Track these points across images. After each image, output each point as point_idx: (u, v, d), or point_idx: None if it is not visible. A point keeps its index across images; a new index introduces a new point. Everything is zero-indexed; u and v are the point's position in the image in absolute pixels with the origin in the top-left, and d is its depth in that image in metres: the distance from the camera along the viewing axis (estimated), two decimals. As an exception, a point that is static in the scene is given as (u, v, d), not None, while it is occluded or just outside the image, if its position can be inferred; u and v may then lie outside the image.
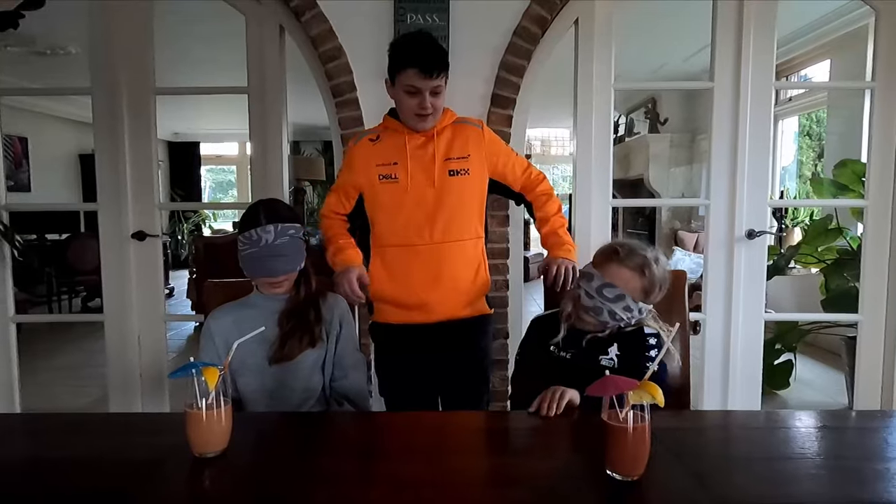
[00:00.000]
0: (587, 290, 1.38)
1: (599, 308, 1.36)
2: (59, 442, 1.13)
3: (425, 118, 1.64)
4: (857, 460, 1.03)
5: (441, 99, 1.64)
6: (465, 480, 0.96)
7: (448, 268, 1.67)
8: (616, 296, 1.35)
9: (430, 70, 1.57)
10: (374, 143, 1.72)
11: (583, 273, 1.43)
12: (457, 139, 1.71)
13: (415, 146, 1.68)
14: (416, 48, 1.60)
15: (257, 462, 1.06)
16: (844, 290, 3.01)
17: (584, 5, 2.31)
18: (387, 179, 1.67)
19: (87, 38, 2.39)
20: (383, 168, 1.68)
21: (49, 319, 4.89)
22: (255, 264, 1.45)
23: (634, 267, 1.37)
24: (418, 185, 1.66)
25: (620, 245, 1.42)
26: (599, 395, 0.94)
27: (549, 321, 1.50)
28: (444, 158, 1.68)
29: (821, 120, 5.31)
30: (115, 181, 2.42)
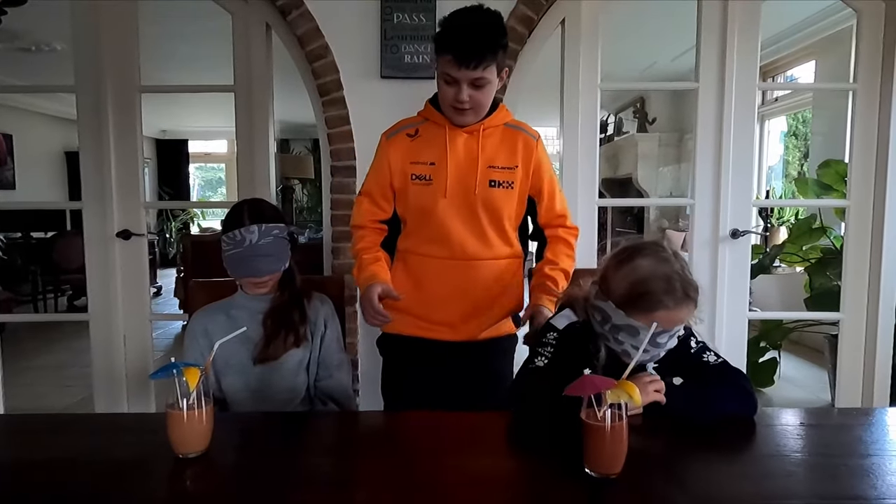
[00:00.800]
0: (634, 346, 1.12)
1: (655, 356, 1.16)
2: (42, 443, 1.12)
3: (463, 112, 1.43)
4: (834, 457, 1.05)
5: (486, 93, 1.41)
6: (450, 480, 0.96)
7: (477, 288, 1.50)
8: (671, 335, 1.15)
9: (466, 59, 1.34)
10: (412, 138, 1.51)
11: (618, 326, 1.14)
12: (505, 145, 1.50)
13: (457, 145, 1.47)
14: (455, 30, 1.36)
15: (240, 462, 1.06)
16: (827, 288, 3.05)
17: (570, 6, 2.32)
18: (420, 181, 1.48)
19: (72, 35, 2.36)
20: (418, 167, 1.48)
21: (32, 319, 4.83)
22: (239, 264, 1.45)
23: (685, 304, 1.13)
24: (455, 191, 1.46)
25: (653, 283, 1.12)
26: (578, 394, 0.94)
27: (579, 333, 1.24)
28: (488, 165, 1.47)
29: (807, 120, 5.36)
30: (100, 180, 2.40)
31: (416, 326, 1.54)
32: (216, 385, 1.47)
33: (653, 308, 1.11)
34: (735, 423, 1.17)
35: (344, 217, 2.30)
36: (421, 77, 2.17)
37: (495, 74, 1.40)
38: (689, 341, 1.27)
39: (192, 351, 1.48)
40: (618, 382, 0.94)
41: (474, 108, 1.43)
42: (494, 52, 1.37)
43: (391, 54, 2.19)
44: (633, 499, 0.91)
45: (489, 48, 1.36)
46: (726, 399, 1.19)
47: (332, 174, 2.31)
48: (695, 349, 1.27)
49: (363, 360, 2.23)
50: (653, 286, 1.12)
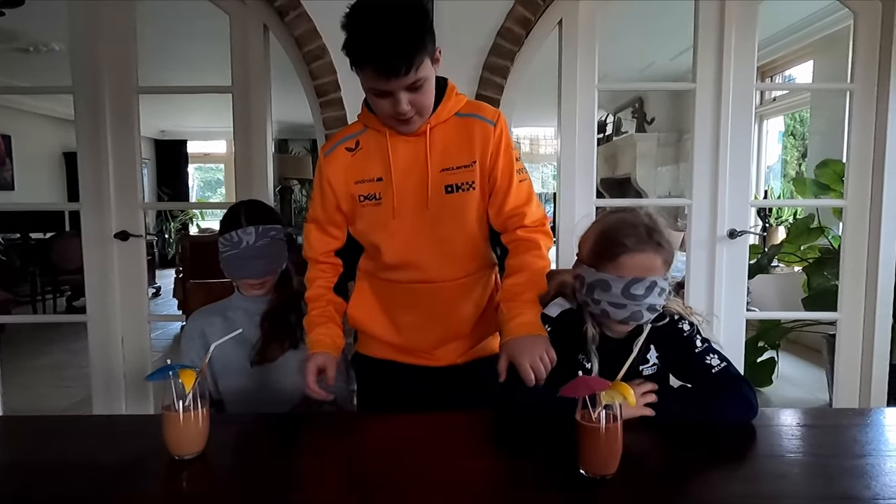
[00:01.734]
0: (611, 302, 1.12)
1: (637, 312, 1.12)
2: (39, 445, 1.12)
3: (407, 122, 1.22)
4: (829, 457, 1.05)
5: (426, 93, 1.18)
6: (445, 481, 0.96)
7: (450, 313, 1.34)
8: (647, 287, 1.11)
9: (394, 69, 1.10)
10: (352, 152, 1.30)
11: (591, 283, 1.15)
12: (456, 140, 1.27)
13: (402, 153, 1.27)
14: (370, 38, 1.11)
15: (236, 464, 1.06)
16: (825, 288, 3.06)
17: (567, 6, 2.32)
18: (369, 201, 1.29)
19: (69, 36, 2.37)
20: (364, 186, 1.29)
21: (31, 320, 4.83)
22: (236, 266, 1.45)
23: (650, 246, 1.13)
24: (407, 207, 1.27)
25: (614, 230, 1.15)
26: (573, 396, 0.94)
27: (568, 322, 1.24)
28: (440, 169, 1.27)
29: (804, 120, 5.37)
30: (98, 181, 2.40)
31: (389, 350, 1.40)
32: (213, 387, 1.48)
33: (617, 253, 1.12)
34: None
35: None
36: (418, 78, 2.17)
37: (429, 67, 1.16)
38: (694, 340, 1.25)
39: (189, 352, 1.48)
40: (612, 383, 0.94)
41: (419, 113, 1.21)
42: (423, 47, 1.12)
43: (388, 55, 2.19)
44: (626, 500, 0.91)
45: (416, 46, 1.11)
46: (725, 407, 1.16)
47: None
48: (699, 349, 1.24)
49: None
50: (615, 233, 1.14)
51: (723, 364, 1.23)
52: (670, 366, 1.27)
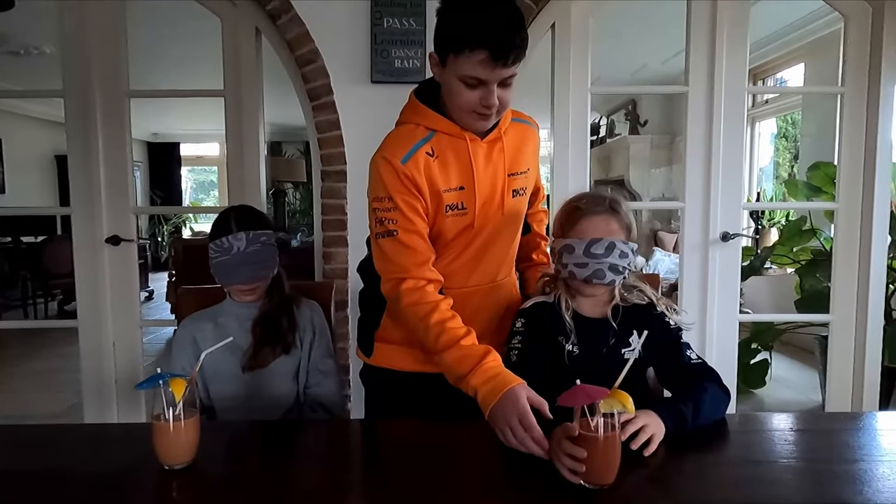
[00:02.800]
0: (576, 263, 1.21)
1: (599, 270, 1.19)
2: (29, 455, 1.11)
3: (487, 118, 1.17)
4: (822, 462, 1.05)
5: (511, 90, 1.16)
6: (440, 491, 0.96)
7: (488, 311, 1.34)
8: (607, 247, 1.20)
9: (504, 55, 1.07)
10: (432, 158, 1.19)
11: (559, 251, 1.24)
12: (520, 145, 1.30)
13: (482, 159, 1.22)
14: (489, 21, 1.07)
15: (227, 473, 1.05)
16: (818, 290, 3.07)
17: (560, 10, 2.33)
18: (453, 210, 1.21)
19: (59, 39, 2.35)
20: (450, 195, 1.20)
21: (21, 326, 4.80)
22: (227, 272, 1.44)
23: (605, 210, 1.24)
24: (485, 214, 1.24)
25: (574, 200, 1.27)
26: (570, 405, 0.92)
27: (547, 308, 1.29)
28: (509, 173, 1.26)
29: (796, 122, 5.40)
30: (89, 185, 2.39)
31: (415, 361, 1.31)
32: (204, 393, 1.46)
33: (576, 218, 1.24)
34: (724, 428, 1.18)
35: (335, 222, 2.30)
36: (411, 81, 2.16)
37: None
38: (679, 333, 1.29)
39: (180, 359, 1.47)
40: (611, 391, 0.94)
41: (500, 109, 1.17)
42: (527, 41, 1.12)
43: (381, 59, 2.19)
44: (621, 507, 0.91)
45: (526, 38, 1.11)
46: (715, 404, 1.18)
47: (323, 178, 2.31)
48: (683, 342, 1.29)
49: (354, 366, 2.22)
50: (575, 202, 1.27)
51: (700, 360, 1.28)
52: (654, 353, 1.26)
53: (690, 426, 1.11)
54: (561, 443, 0.94)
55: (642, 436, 1.03)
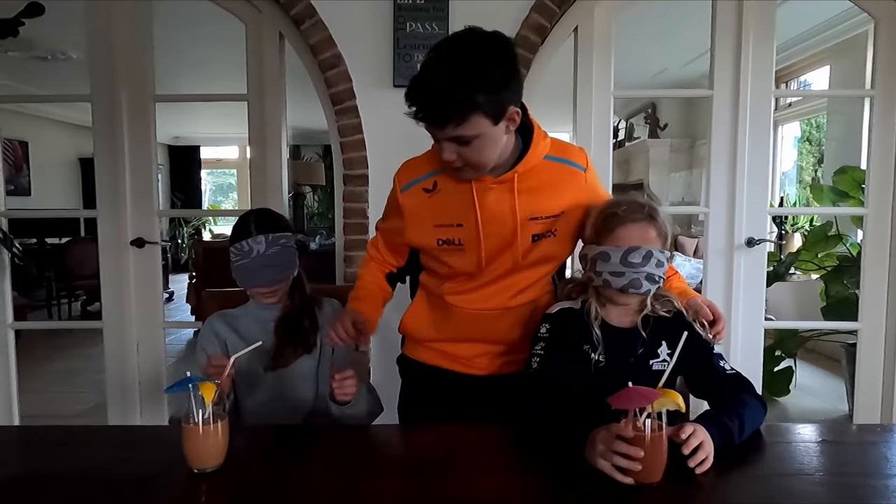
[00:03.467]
0: (611, 272, 1.17)
1: (636, 280, 1.16)
2: (56, 456, 1.12)
3: (458, 170, 1.20)
4: (856, 476, 1.03)
5: (477, 149, 1.14)
6: (462, 497, 0.95)
7: (511, 333, 1.36)
8: (644, 256, 1.16)
9: (429, 118, 1.12)
10: (429, 193, 1.27)
11: (593, 258, 1.21)
12: (547, 188, 1.25)
13: (489, 200, 1.23)
14: (417, 82, 1.12)
15: (255, 477, 1.05)
16: (844, 297, 3.01)
17: (583, 13, 2.31)
18: (448, 245, 1.28)
19: (86, 44, 2.38)
20: (444, 230, 1.27)
21: (47, 326, 4.90)
22: (247, 275, 1.45)
23: (643, 217, 1.20)
24: (492, 251, 1.27)
25: (611, 206, 1.23)
26: (625, 407, 0.95)
27: (574, 314, 1.27)
28: (529, 217, 1.25)
29: (821, 125, 5.31)
30: (115, 188, 2.42)
31: (437, 357, 1.43)
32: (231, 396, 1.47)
33: (613, 225, 1.20)
34: (753, 439, 1.15)
35: (356, 226, 2.31)
36: (433, 86, 2.17)
37: (487, 126, 1.11)
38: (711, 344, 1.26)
39: (208, 349, 1.48)
40: (661, 391, 0.96)
41: (471, 166, 1.18)
42: (469, 104, 1.08)
43: (404, 63, 2.19)
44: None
45: (458, 102, 1.08)
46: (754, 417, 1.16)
47: (345, 182, 2.31)
48: (716, 353, 1.26)
49: (375, 369, 2.22)
50: (612, 209, 1.22)
51: (733, 370, 1.26)
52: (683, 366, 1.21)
53: (737, 442, 1.08)
54: (613, 443, 0.95)
55: (701, 453, 1.00)
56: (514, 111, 1.15)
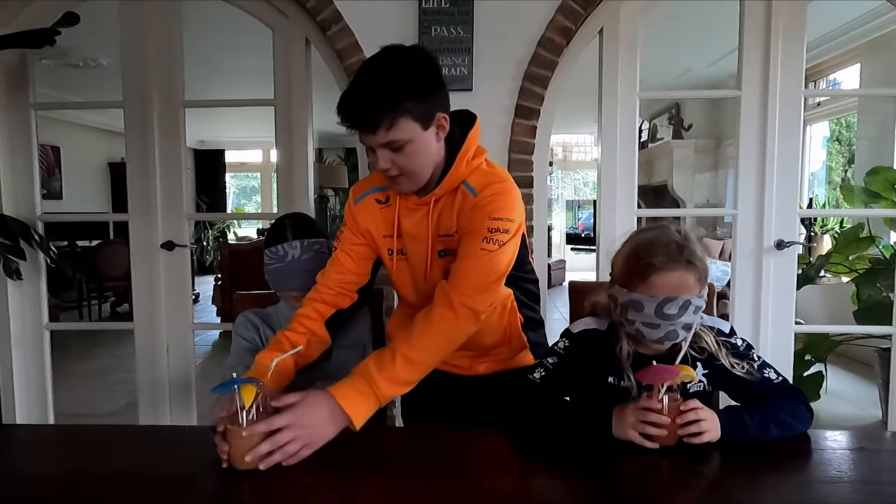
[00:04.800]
0: (645, 322, 1.11)
1: (672, 332, 1.11)
2: (93, 455, 1.15)
3: (395, 180, 1.23)
4: (891, 485, 1.00)
5: (409, 156, 1.18)
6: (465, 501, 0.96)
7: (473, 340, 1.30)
8: (681, 307, 1.09)
9: (364, 125, 1.14)
10: (381, 205, 1.35)
11: (625, 305, 1.13)
12: (450, 208, 1.28)
13: (411, 218, 1.31)
14: (346, 99, 1.15)
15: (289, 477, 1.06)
16: (878, 300, 2.94)
17: (608, 15, 2.30)
18: (399, 255, 1.35)
19: (120, 52, 2.44)
20: (391, 241, 1.35)
21: (81, 327, 5.05)
22: (282, 278, 1.48)
23: (680, 264, 1.10)
24: (421, 266, 1.34)
25: (645, 252, 1.12)
26: (653, 382, 1.08)
27: (597, 339, 1.23)
28: (439, 234, 1.30)
29: (850, 125, 5.20)
30: (146, 192, 2.47)
31: None
32: None
33: (647, 273, 1.10)
34: (788, 444, 1.14)
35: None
36: (459, 89, 2.18)
37: (416, 131, 1.15)
38: (751, 354, 1.22)
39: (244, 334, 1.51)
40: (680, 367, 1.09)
41: (405, 175, 1.21)
42: (399, 109, 1.12)
43: (429, 67, 2.20)
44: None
45: (384, 105, 1.12)
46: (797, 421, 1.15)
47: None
48: (758, 363, 1.21)
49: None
50: (645, 252, 1.12)
51: (781, 377, 1.22)
52: (723, 382, 1.23)
53: (753, 437, 1.10)
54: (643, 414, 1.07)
55: (693, 427, 1.07)
56: (441, 117, 1.20)
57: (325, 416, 1.05)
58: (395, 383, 1.12)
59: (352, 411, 1.06)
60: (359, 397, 1.07)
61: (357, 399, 1.07)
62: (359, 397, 1.07)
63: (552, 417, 1.17)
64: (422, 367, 1.15)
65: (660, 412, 1.07)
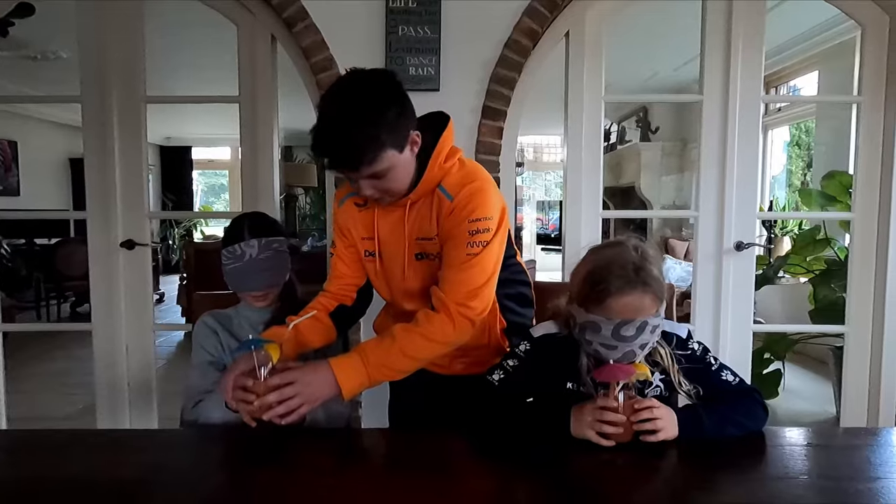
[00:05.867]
0: (602, 343, 1.12)
1: (629, 352, 1.12)
2: (48, 460, 1.12)
3: (376, 200, 1.30)
4: (843, 480, 1.04)
5: (391, 180, 1.23)
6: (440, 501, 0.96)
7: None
8: (637, 328, 1.10)
9: (346, 166, 1.20)
10: (360, 208, 1.39)
11: (583, 325, 1.14)
12: (426, 212, 1.31)
13: (387, 220, 1.35)
14: (322, 142, 1.18)
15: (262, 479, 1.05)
16: (832, 300, 3.04)
17: (574, 18, 2.33)
18: (369, 257, 1.41)
19: (78, 45, 2.37)
20: (367, 242, 1.40)
21: (36, 328, 4.86)
22: (240, 279, 1.45)
23: (637, 287, 1.10)
24: (394, 267, 1.38)
25: (600, 270, 1.12)
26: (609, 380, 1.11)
27: (557, 344, 1.23)
28: (416, 238, 1.33)
29: (810, 130, 5.36)
30: (105, 189, 2.41)
31: None
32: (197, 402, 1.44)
33: (603, 296, 1.10)
34: (742, 441, 1.17)
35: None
36: (426, 89, 2.18)
37: (396, 157, 1.20)
38: (707, 358, 1.25)
39: (206, 345, 1.48)
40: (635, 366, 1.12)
41: (388, 194, 1.27)
42: (377, 145, 1.16)
43: (396, 66, 2.19)
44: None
45: (365, 146, 1.15)
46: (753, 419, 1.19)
47: (336, 185, 2.31)
48: (715, 367, 1.24)
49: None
50: (601, 275, 1.12)
51: (737, 378, 1.25)
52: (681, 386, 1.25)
53: (709, 436, 1.13)
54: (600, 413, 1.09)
55: (649, 425, 1.10)
56: (413, 135, 1.24)
57: (323, 380, 1.17)
58: (387, 370, 1.22)
59: (344, 384, 1.18)
60: (353, 373, 1.18)
61: (351, 374, 1.18)
62: (353, 373, 1.18)
63: (510, 417, 1.18)
64: (414, 362, 1.25)
65: (616, 410, 1.10)
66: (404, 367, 1.25)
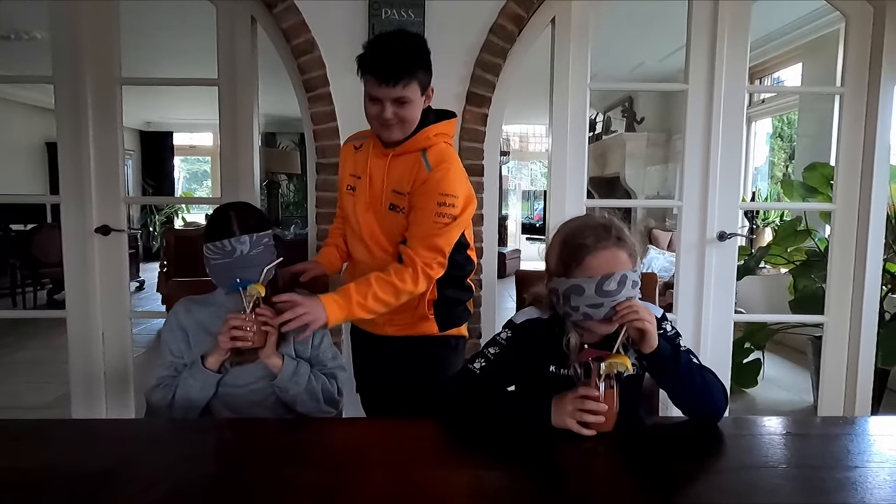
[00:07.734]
0: (588, 304, 1.13)
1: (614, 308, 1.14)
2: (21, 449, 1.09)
3: (388, 127, 1.48)
4: (819, 469, 1.04)
5: (409, 110, 1.46)
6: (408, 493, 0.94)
7: None
8: (619, 281, 1.12)
9: (386, 78, 1.40)
10: (356, 151, 1.64)
11: (564, 293, 1.16)
12: (406, 170, 1.52)
13: (374, 164, 1.57)
14: (374, 51, 1.43)
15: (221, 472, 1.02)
16: (812, 291, 3.07)
17: (560, 5, 2.30)
18: (350, 191, 1.62)
19: (50, 24, 2.30)
20: (351, 178, 1.62)
21: (9, 315, 4.77)
22: (227, 275, 1.39)
23: (611, 241, 1.15)
24: (364, 205, 1.57)
25: (575, 235, 1.18)
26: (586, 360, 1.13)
27: (540, 329, 1.26)
28: (392, 189, 1.53)
29: (792, 122, 5.40)
30: (79, 174, 2.34)
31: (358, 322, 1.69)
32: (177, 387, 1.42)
33: (581, 255, 1.15)
34: (721, 430, 1.17)
35: (329, 215, 2.27)
36: (409, 74, 2.14)
37: (418, 93, 1.46)
38: (678, 340, 1.26)
39: (171, 344, 1.45)
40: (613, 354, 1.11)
41: (399, 124, 1.48)
42: (413, 72, 1.43)
43: (379, 50, 2.16)
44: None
45: (407, 68, 1.42)
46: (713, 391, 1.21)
47: (318, 171, 2.28)
48: (683, 349, 1.24)
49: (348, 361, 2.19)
50: (575, 238, 1.18)
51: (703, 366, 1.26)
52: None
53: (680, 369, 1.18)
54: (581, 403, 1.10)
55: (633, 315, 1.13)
56: (430, 89, 1.52)
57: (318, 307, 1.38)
58: (363, 311, 1.43)
59: (330, 315, 1.39)
60: (336, 307, 1.40)
61: (335, 308, 1.40)
62: (336, 307, 1.40)
63: (491, 407, 1.18)
64: (384, 306, 1.46)
65: (597, 399, 1.11)
66: (377, 310, 1.46)
